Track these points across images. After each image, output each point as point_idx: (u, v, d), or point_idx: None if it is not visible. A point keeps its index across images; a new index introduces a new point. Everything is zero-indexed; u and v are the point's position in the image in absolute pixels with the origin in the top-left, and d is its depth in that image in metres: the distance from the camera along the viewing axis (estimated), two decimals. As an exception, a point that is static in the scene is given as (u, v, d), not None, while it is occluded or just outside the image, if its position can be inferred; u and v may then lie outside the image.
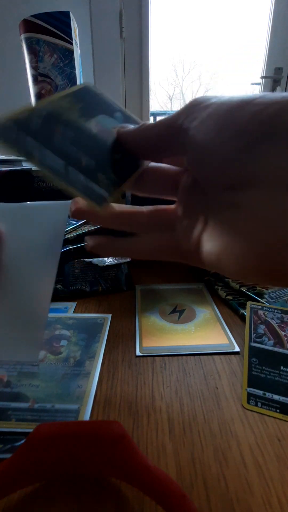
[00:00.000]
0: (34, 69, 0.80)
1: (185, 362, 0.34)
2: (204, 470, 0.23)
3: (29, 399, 0.28)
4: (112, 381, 0.31)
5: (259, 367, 0.32)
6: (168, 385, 0.30)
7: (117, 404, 0.28)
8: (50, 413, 0.27)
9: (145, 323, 0.40)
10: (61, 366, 0.32)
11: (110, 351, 0.35)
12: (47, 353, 0.34)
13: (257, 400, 0.29)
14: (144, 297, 0.46)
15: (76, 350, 0.35)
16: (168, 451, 0.24)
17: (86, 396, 0.29)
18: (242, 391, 0.30)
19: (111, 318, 0.41)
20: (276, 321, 0.39)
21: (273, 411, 0.28)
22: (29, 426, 0.26)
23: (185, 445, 0.25)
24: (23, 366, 0.32)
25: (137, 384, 0.30)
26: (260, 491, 0.22)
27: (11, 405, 0.27)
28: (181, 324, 0.40)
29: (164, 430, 0.26)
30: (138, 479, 0.20)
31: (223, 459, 0.24)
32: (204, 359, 0.34)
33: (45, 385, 0.30)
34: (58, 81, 0.81)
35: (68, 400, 0.28)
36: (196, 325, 0.40)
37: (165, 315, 0.42)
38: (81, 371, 0.32)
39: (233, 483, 0.22)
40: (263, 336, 0.36)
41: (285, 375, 0.31)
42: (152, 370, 0.32)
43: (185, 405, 0.28)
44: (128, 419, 0.27)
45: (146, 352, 0.35)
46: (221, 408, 0.28)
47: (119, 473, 0.20)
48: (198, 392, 0.30)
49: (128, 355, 0.34)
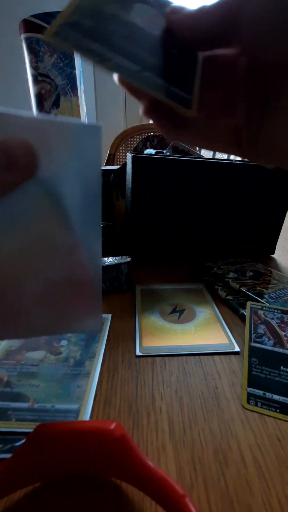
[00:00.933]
0: (34, 69, 0.80)
1: (185, 362, 0.34)
2: (204, 470, 0.23)
3: (29, 399, 0.28)
4: (112, 381, 0.31)
5: (259, 367, 0.32)
6: (168, 385, 0.30)
7: (117, 404, 0.28)
8: (50, 413, 0.27)
9: (145, 323, 0.40)
10: (61, 366, 0.32)
11: (110, 351, 0.35)
12: (47, 353, 0.34)
13: (257, 400, 0.29)
14: (144, 297, 0.46)
15: (76, 350, 0.35)
16: (168, 451, 0.24)
17: (86, 396, 0.29)
18: (242, 391, 0.30)
19: (111, 318, 0.41)
20: (276, 321, 0.39)
21: (273, 411, 0.28)
22: (29, 426, 0.26)
23: (185, 445, 0.25)
24: (23, 366, 0.32)
25: (137, 384, 0.30)
26: (260, 491, 0.22)
27: (11, 405, 0.27)
28: (181, 324, 0.40)
29: (164, 430, 0.26)
30: (138, 479, 0.20)
31: (223, 459, 0.24)
32: (204, 359, 0.34)
33: (45, 385, 0.30)
34: (58, 81, 0.81)
35: (68, 400, 0.28)
36: (196, 325, 0.40)
37: (165, 315, 0.42)
38: (81, 371, 0.32)
39: (233, 483, 0.22)
40: (263, 336, 0.36)
41: (285, 375, 0.31)
42: (152, 370, 0.32)
43: (185, 405, 0.28)
44: (128, 419, 0.27)
45: (146, 352, 0.35)
46: (221, 408, 0.28)
47: (119, 473, 0.20)
48: (198, 392, 0.30)
49: (128, 355, 0.34)
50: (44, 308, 0.19)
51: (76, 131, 0.17)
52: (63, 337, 0.36)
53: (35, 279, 0.19)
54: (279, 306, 0.42)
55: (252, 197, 0.58)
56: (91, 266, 0.19)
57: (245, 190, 0.57)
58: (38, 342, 0.36)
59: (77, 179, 0.18)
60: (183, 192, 0.54)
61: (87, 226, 0.19)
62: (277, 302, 0.43)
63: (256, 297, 0.44)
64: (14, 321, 0.19)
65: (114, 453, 0.19)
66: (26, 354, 0.34)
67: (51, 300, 0.19)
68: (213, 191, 0.56)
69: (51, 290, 0.19)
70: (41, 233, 0.18)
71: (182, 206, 0.55)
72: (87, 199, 0.18)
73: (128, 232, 0.57)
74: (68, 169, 0.17)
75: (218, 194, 0.56)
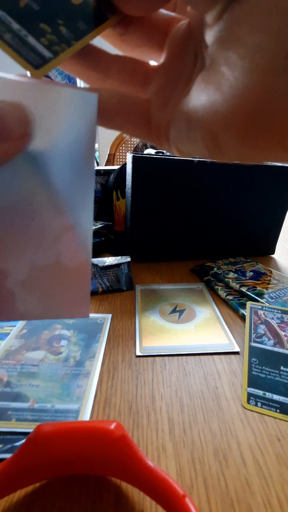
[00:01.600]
0: (34, 69, 0.80)
1: (185, 362, 0.34)
2: (204, 470, 0.23)
3: (29, 399, 0.28)
4: (112, 381, 0.31)
5: (259, 367, 0.32)
6: (168, 385, 0.30)
7: (117, 404, 0.28)
8: (50, 413, 0.27)
9: (145, 323, 0.40)
10: (61, 366, 0.32)
11: (110, 351, 0.35)
12: (47, 353, 0.34)
13: (257, 400, 0.29)
14: (144, 297, 0.46)
15: (76, 350, 0.35)
16: (168, 451, 0.24)
17: (86, 396, 0.29)
18: (242, 391, 0.30)
19: (111, 318, 0.41)
20: (276, 321, 0.39)
21: (273, 411, 0.28)
22: (29, 426, 0.26)
23: (185, 445, 0.25)
24: (23, 366, 0.32)
25: (137, 384, 0.30)
26: (260, 491, 0.22)
27: (11, 405, 0.27)
28: (181, 324, 0.40)
29: (164, 430, 0.26)
30: (138, 479, 0.20)
31: (223, 459, 0.24)
32: (204, 359, 0.34)
33: (45, 385, 0.30)
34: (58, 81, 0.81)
35: (68, 400, 0.28)
36: (196, 325, 0.40)
37: (165, 315, 0.42)
38: (81, 371, 0.32)
39: (233, 483, 0.22)
40: (263, 336, 0.36)
41: (285, 375, 0.31)
42: (152, 370, 0.32)
43: (185, 405, 0.28)
44: (128, 419, 0.27)
45: (146, 352, 0.35)
46: (221, 408, 0.28)
47: (119, 473, 0.20)
48: (198, 392, 0.30)
49: (128, 355, 0.34)
50: (31, 293, 0.19)
51: (71, 98, 0.15)
52: (63, 337, 0.36)
53: (21, 263, 0.18)
54: (279, 306, 0.42)
55: (252, 197, 0.58)
56: (81, 251, 0.18)
57: (245, 190, 0.57)
58: (38, 342, 0.36)
59: (69, 155, 0.16)
60: (183, 192, 0.54)
61: (79, 207, 0.17)
62: (277, 302, 0.43)
63: (256, 297, 0.44)
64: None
65: (114, 453, 0.19)
66: (26, 354, 0.34)
67: (38, 285, 0.18)
68: (213, 191, 0.56)
69: (38, 274, 0.18)
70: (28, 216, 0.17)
71: (182, 206, 0.55)
72: (79, 177, 0.17)
73: (128, 232, 0.57)
74: (59, 142, 0.16)
75: (218, 194, 0.56)
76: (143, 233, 0.57)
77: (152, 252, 0.59)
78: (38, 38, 0.14)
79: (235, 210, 0.58)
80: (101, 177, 0.72)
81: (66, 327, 0.38)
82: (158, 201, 0.54)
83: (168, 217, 0.56)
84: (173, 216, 0.56)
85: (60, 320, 0.40)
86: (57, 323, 0.39)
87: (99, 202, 0.72)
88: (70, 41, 0.15)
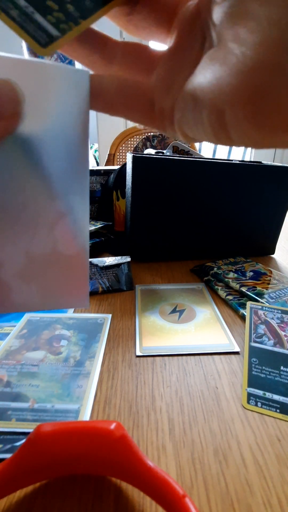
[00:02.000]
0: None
1: (185, 362, 0.34)
2: (204, 470, 0.23)
3: (29, 399, 0.28)
4: (112, 381, 0.31)
5: (259, 367, 0.32)
6: (168, 385, 0.30)
7: (117, 404, 0.28)
8: (50, 413, 0.27)
9: (145, 323, 0.40)
10: (61, 366, 0.32)
11: (110, 351, 0.35)
12: (47, 353, 0.34)
13: (257, 400, 0.29)
14: (144, 297, 0.46)
15: (76, 350, 0.35)
16: (168, 451, 0.24)
17: (86, 396, 0.29)
18: (242, 391, 0.30)
19: (111, 318, 0.41)
20: (276, 321, 0.39)
21: (273, 411, 0.28)
22: (29, 426, 0.26)
23: (185, 445, 0.25)
24: (23, 366, 0.32)
25: (137, 384, 0.30)
26: (260, 491, 0.22)
27: (11, 405, 0.27)
28: (181, 324, 0.40)
29: (164, 430, 0.26)
30: (138, 479, 0.20)
31: (223, 459, 0.24)
32: (204, 359, 0.34)
33: (45, 385, 0.30)
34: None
35: (68, 400, 0.28)
36: (196, 325, 0.40)
37: (165, 315, 0.42)
38: (81, 371, 0.32)
39: (233, 483, 0.22)
40: (263, 336, 0.36)
41: (285, 375, 0.31)
42: (152, 370, 0.32)
43: (185, 405, 0.28)
44: (128, 419, 0.27)
45: (146, 352, 0.35)
46: (221, 408, 0.28)
47: (119, 473, 0.20)
48: (198, 392, 0.30)
49: (128, 355, 0.34)
50: (27, 283, 0.18)
51: (62, 76, 0.14)
52: (63, 337, 0.36)
53: (16, 252, 0.17)
54: (279, 306, 0.42)
55: (252, 197, 0.58)
56: (77, 238, 0.18)
57: (245, 190, 0.57)
58: (38, 342, 0.36)
59: (61, 137, 0.15)
60: (183, 192, 0.54)
61: (74, 194, 0.16)
62: (277, 302, 0.43)
63: (256, 297, 0.44)
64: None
65: (114, 453, 0.19)
66: (26, 354, 0.34)
67: (34, 275, 0.18)
68: (213, 191, 0.56)
69: (34, 264, 0.18)
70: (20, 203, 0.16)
71: (182, 206, 0.55)
72: (73, 160, 0.16)
73: (128, 232, 0.57)
74: (51, 123, 0.15)
75: (218, 194, 0.56)
76: (143, 233, 0.57)
77: (152, 252, 0.59)
78: (45, 15, 0.14)
79: (235, 210, 0.58)
80: (101, 177, 0.71)
81: (66, 327, 0.38)
82: (158, 201, 0.54)
83: (168, 217, 0.56)
84: (173, 216, 0.56)
85: (60, 320, 0.40)
86: (57, 323, 0.39)
87: (99, 202, 0.72)
88: (77, 19, 0.14)
